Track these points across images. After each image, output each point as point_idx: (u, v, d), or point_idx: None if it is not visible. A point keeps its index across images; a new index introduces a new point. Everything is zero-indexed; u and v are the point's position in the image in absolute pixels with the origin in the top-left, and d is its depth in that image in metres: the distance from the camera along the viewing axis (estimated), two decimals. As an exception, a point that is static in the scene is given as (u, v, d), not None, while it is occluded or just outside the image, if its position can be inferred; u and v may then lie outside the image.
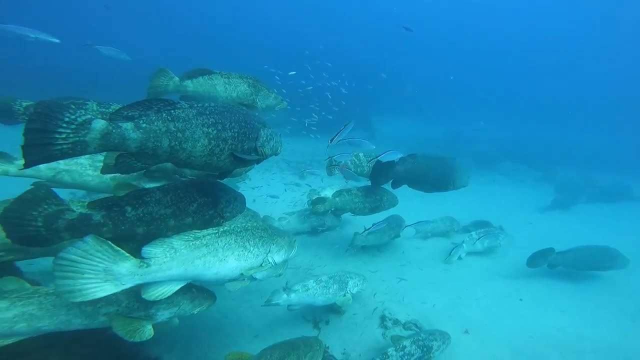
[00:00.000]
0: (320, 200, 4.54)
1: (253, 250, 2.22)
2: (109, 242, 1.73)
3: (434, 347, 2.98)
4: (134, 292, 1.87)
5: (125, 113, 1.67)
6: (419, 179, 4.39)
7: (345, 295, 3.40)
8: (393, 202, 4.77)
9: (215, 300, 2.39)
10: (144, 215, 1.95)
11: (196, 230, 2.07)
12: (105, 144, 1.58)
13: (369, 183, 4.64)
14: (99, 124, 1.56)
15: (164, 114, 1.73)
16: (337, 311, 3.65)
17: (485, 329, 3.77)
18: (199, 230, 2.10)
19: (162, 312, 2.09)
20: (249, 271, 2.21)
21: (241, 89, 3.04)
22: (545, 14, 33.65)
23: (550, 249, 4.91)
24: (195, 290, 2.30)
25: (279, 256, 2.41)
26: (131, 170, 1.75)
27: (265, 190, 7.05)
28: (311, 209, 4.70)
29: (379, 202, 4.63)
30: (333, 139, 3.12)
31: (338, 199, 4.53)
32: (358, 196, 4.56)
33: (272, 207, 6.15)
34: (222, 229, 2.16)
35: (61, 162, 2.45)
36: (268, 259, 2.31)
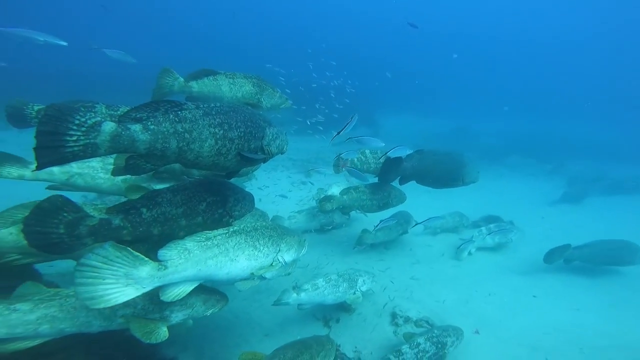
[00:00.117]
0: (327, 199, 4.52)
1: (263, 249, 2.23)
2: (128, 247, 1.76)
3: (448, 343, 2.94)
4: (148, 295, 1.90)
5: (133, 115, 1.68)
6: (427, 175, 4.34)
7: (355, 294, 3.38)
8: (401, 198, 4.72)
9: (228, 301, 2.40)
10: (159, 216, 1.98)
11: (207, 231, 2.08)
12: (115, 146, 1.60)
13: (375, 180, 4.60)
14: (109, 126, 1.57)
15: (171, 115, 1.74)
16: (347, 309, 3.63)
17: (499, 325, 3.70)
18: (210, 230, 2.11)
19: (176, 314, 2.12)
20: (260, 271, 2.21)
21: (246, 88, 3.04)
22: (552, 4, 32.96)
23: (567, 245, 4.83)
24: (208, 292, 2.32)
25: (288, 255, 2.40)
26: (141, 172, 1.76)
27: (272, 189, 7.06)
28: (319, 208, 4.69)
29: (387, 199, 4.59)
30: (340, 132, 3.11)
31: (346, 197, 4.50)
32: (366, 193, 4.53)
33: (279, 205, 6.15)
34: (232, 229, 2.16)
35: (74, 165, 2.48)
36: (278, 258, 2.31)
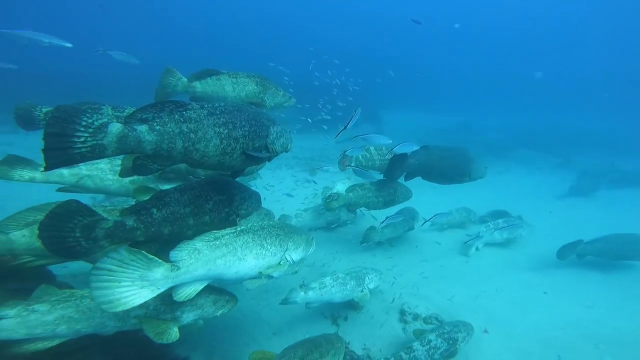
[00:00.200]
0: (333, 197, 4.51)
1: (271, 248, 2.23)
2: (142, 250, 1.78)
3: (459, 339, 2.92)
4: (160, 296, 1.92)
5: (139, 116, 1.68)
6: (433, 171, 4.29)
7: (362, 291, 3.37)
8: (407, 195, 4.69)
9: (237, 302, 2.41)
10: (168, 216, 2.00)
11: (215, 231, 2.09)
12: (121, 147, 1.60)
13: (380, 177, 4.57)
14: (115, 127, 1.57)
15: (177, 116, 1.74)
16: (355, 307, 3.62)
17: (509, 321, 3.66)
18: (217, 229, 2.12)
19: (187, 315, 2.14)
20: (268, 270, 2.21)
21: (249, 88, 3.04)
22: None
23: (579, 240, 4.75)
24: (218, 293, 2.34)
25: (296, 254, 2.39)
26: (148, 172, 1.76)
27: (277, 188, 7.07)
28: (325, 206, 4.68)
29: (393, 195, 4.56)
30: (346, 127, 3.09)
31: (352, 194, 4.48)
32: (372, 190, 4.51)
33: (284, 204, 6.16)
34: (239, 229, 2.17)
35: (83, 167, 2.51)
36: (286, 256, 2.31)
